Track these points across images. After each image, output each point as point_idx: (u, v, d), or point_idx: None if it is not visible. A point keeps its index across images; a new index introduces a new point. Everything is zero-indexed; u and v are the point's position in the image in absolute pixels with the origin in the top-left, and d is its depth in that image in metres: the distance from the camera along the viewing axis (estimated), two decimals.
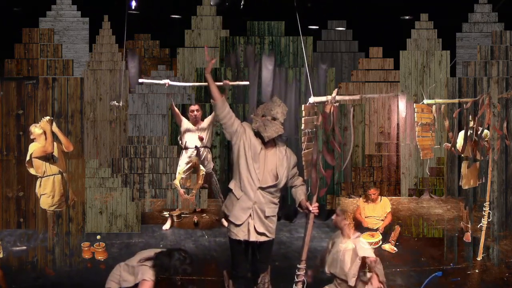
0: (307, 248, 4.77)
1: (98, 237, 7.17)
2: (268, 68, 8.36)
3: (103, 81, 8.62)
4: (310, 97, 4.92)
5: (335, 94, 4.79)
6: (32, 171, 6.82)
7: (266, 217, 4.61)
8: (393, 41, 9.55)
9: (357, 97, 5.46)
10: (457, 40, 9.36)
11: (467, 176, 7.31)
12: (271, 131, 4.56)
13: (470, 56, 9.20)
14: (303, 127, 4.83)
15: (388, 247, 7.34)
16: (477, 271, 6.57)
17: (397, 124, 9.31)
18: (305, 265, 4.82)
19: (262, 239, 4.66)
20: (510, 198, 8.04)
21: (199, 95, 8.58)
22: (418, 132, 6.79)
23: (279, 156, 4.63)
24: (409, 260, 6.96)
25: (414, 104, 6.92)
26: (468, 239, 7.32)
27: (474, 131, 6.83)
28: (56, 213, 7.09)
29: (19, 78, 7.78)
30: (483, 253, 6.86)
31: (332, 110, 4.75)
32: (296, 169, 4.80)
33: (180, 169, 7.31)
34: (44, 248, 6.71)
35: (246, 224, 4.60)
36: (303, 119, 4.83)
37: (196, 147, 7.16)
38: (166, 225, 7.62)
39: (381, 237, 7.48)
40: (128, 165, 7.80)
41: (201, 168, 7.25)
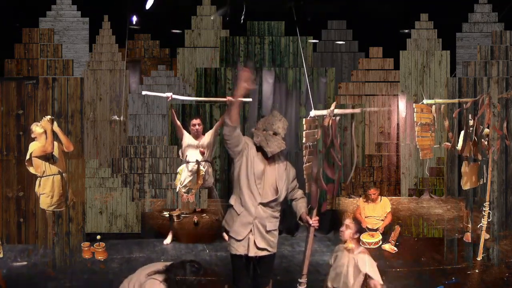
0: (308, 262, 4.76)
1: (98, 237, 7.17)
2: (269, 82, 8.32)
3: (103, 81, 8.62)
4: (311, 111, 4.92)
5: (333, 108, 4.80)
6: (32, 170, 6.82)
7: (268, 232, 4.59)
8: (393, 41, 9.54)
9: (358, 111, 5.48)
10: (457, 40, 9.36)
11: (468, 176, 7.31)
12: (274, 147, 4.55)
13: (470, 56, 9.20)
14: (304, 141, 4.82)
15: (388, 247, 7.34)
16: (477, 271, 6.57)
17: (397, 124, 9.31)
18: (306, 279, 4.81)
19: (263, 254, 4.63)
20: (510, 198, 8.04)
21: (199, 95, 8.57)
22: (418, 132, 6.80)
23: (279, 170, 4.62)
24: (409, 260, 6.96)
25: (414, 104, 6.92)
26: (468, 239, 7.32)
27: (474, 131, 6.82)
28: (56, 213, 7.09)
29: (19, 78, 7.77)
30: (483, 253, 6.85)
31: (331, 124, 4.76)
32: (296, 182, 4.77)
33: (180, 183, 7.27)
34: (45, 264, 6.67)
35: (247, 239, 4.57)
36: (304, 133, 4.83)
37: (197, 161, 7.13)
38: (167, 240, 7.48)
39: (381, 237, 7.49)
40: (128, 165, 7.80)
41: (201, 168, 7.25)
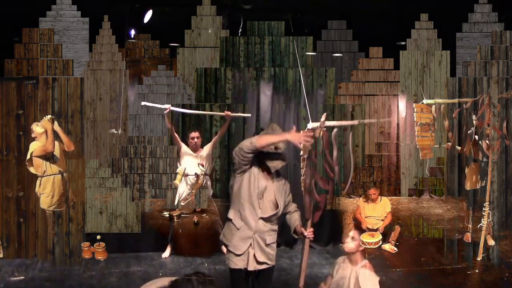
0: (304, 274, 4.73)
1: (98, 237, 7.17)
2: (267, 94, 8.30)
3: (103, 81, 8.62)
4: (309, 123, 4.90)
5: (324, 119, 4.79)
6: (32, 170, 6.82)
7: (267, 245, 4.58)
8: (393, 41, 9.54)
9: (356, 122, 5.46)
10: (457, 40, 9.36)
11: (470, 177, 7.30)
12: (277, 162, 4.54)
13: (470, 56, 9.20)
14: (302, 153, 4.82)
15: (388, 247, 7.34)
16: (477, 271, 6.57)
17: (397, 124, 9.31)
18: None
19: (262, 267, 4.62)
20: (510, 198, 8.04)
21: (199, 95, 8.58)
22: (418, 132, 6.80)
23: (278, 185, 4.61)
24: (409, 260, 6.96)
25: (414, 104, 6.92)
26: (468, 239, 7.32)
27: (478, 131, 6.83)
28: (56, 213, 7.08)
29: (19, 78, 7.77)
30: (483, 253, 6.85)
31: (322, 135, 4.75)
32: (291, 196, 4.77)
33: (179, 196, 7.26)
34: (43, 278, 6.63)
35: (246, 254, 4.55)
36: (302, 145, 4.82)
37: (196, 174, 7.12)
38: (166, 253, 7.36)
39: (381, 237, 7.49)
40: (128, 165, 7.80)
41: (201, 168, 7.25)
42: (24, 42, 8.25)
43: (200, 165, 7.11)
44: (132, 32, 9.52)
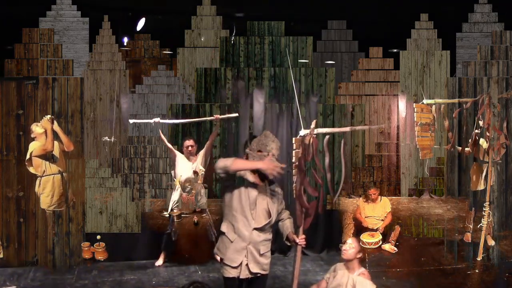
0: (297, 282, 4.71)
1: (98, 237, 7.17)
2: (259, 101, 8.27)
3: (103, 81, 8.63)
4: (301, 130, 4.90)
5: (314, 126, 4.79)
6: (32, 170, 6.82)
7: (261, 255, 4.54)
8: (393, 41, 9.56)
9: (347, 129, 5.45)
10: (457, 40, 9.37)
11: (474, 178, 7.30)
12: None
13: (470, 56, 9.21)
14: (294, 160, 4.81)
15: (388, 247, 7.34)
16: (477, 271, 6.57)
17: (397, 124, 9.32)
18: None
19: (256, 275, 4.60)
20: (510, 198, 8.04)
21: (199, 95, 8.58)
22: (418, 132, 6.78)
23: (270, 192, 4.57)
24: (409, 260, 6.95)
25: (414, 104, 6.91)
26: (468, 239, 7.32)
27: (482, 131, 6.83)
28: (56, 213, 7.08)
29: (19, 78, 7.77)
30: (483, 253, 6.85)
31: (312, 141, 4.73)
32: (284, 203, 4.72)
33: (173, 203, 7.24)
34: (35, 287, 6.59)
35: (240, 264, 4.52)
36: (294, 152, 4.80)
37: (195, 173, 7.08)
38: (159, 261, 7.25)
39: (381, 237, 7.49)
40: (128, 165, 7.80)
41: (201, 168, 7.24)
42: (24, 42, 8.25)
43: (195, 173, 7.08)
44: (125, 40, 9.56)
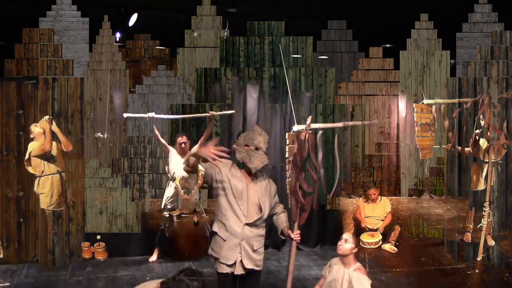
0: (292, 277, 4.72)
1: (98, 237, 7.16)
2: (253, 97, 8.25)
3: (103, 81, 8.62)
4: (294, 125, 4.89)
5: (310, 122, 4.78)
6: (31, 170, 6.82)
7: (254, 251, 4.53)
8: (393, 41, 9.55)
9: (340, 125, 5.46)
10: (457, 40, 9.36)
11: (474, 178, 7.30)
12: (257, 162, 4.47)
13: (470, 56, 9.20)
14: (287, 155, 4.80)
15: (388, 247, 7.34)
16: (477, 271, 6.57)
17: (397, 124, 9.31)
18: None
19: (249, 271, 4.60)
20: (510, 198, 8.04)
21: (199, 95, 8.57)
22: (418, 132, 6.79)
23: (261, 187, 4.55)
24: (409, 260, 6.96)
25: (414, 104, 6.92)
26: (468, 239, 7.32)
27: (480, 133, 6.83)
28: (56, 213, 7.09)
29: (19, 78, 7.77)
30: (483, 253, 6.85)
31: (307, 137, 4.73)
32: (277, 198, 4.72)
33: (167, 199, 7.25)
34: (29, 284, 6.56)
35: (235, 261, 4.52)
36: (287, 147, 4.81)
37: (184, 178, 7.10)
38: (153, 257, 7.34)
39: (381, 237, 7.49)
40: (128, 165, 7.80)
41: (200, 168, 7.24)
42: (24, 42, 8.25)
43: (188, 172, 7.08)
44: (118, 35, 9.55)
